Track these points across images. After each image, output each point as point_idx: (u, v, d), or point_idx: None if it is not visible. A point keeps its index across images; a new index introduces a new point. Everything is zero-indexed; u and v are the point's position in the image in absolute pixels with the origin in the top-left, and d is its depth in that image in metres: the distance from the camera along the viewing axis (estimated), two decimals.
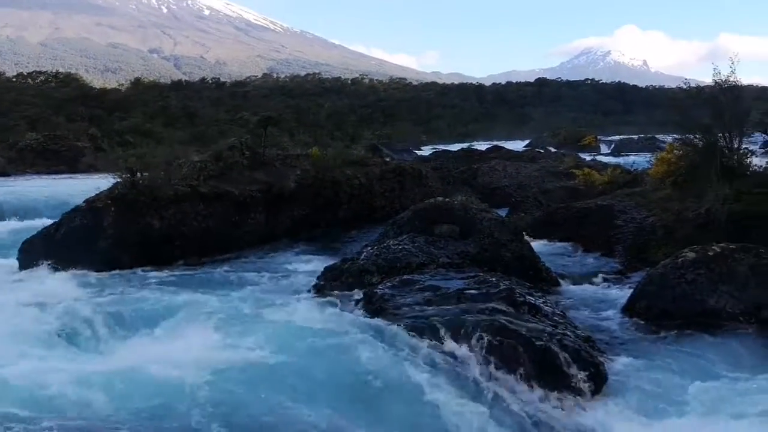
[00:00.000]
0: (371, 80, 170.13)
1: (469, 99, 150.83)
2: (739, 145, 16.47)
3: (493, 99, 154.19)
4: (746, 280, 10.87)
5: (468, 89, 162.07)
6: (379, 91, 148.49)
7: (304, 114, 75.36)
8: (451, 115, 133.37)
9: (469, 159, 35.06)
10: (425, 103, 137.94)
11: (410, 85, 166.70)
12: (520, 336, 8.44)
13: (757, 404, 7.52)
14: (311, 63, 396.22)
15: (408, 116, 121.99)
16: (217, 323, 9.38)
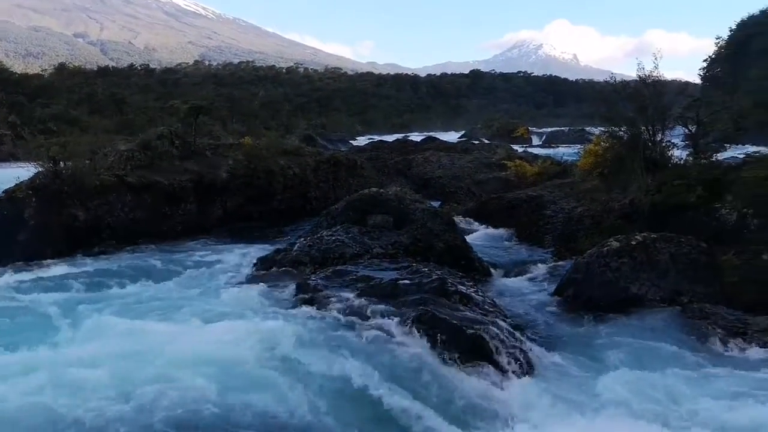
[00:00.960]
0: (306, 69, 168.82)
1: (405, 90, 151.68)
2: (661, 138, 17.11)
3: (429, 90, 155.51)
4: (666, 267, 11.33)
5: (404, 80, 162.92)
6: (314, 80, 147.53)
7: (237, 103, 74.15)
8: (386, 105, 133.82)
9: (404, 150, 35.23)
10: (361, 93, 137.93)
11: (346, 75, 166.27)
12: (451, 325, 8.56)
13: (672, 386, 7.87)
14: (244, 51, 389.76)
15: (343, 106, 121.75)
16: (141, 313, 9.18)
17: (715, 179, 14.97)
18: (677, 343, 9.36)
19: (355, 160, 23.25)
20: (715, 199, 14.55)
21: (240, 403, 6.72)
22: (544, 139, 70.01)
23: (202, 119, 22.31)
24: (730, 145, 18.76)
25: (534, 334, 9.83)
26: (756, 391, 7.71)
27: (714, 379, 8.18)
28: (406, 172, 27.77)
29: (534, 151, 43.38)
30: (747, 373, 8.32)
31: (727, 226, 13.96)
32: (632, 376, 8.02)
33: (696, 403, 7.39)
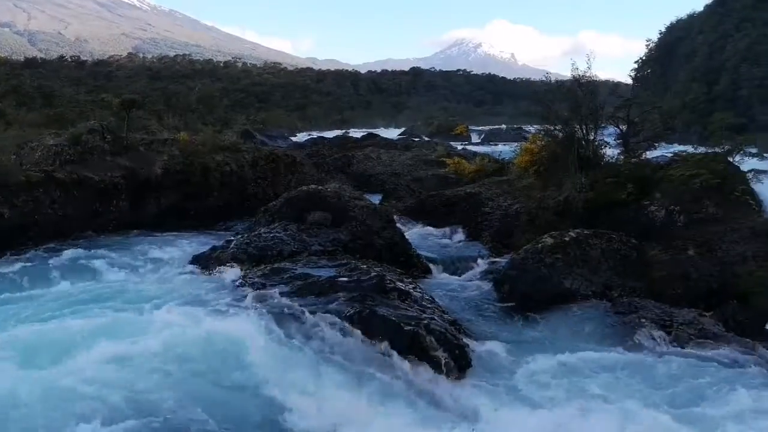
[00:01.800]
0: (245, 64, 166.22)
1: (346, 86, 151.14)
2: (594, 137, 17.56)
3: (369, 87, 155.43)
4: (598, 263, 11.67)
5: (344, 76, 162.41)
6: (253, 75, 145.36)
7: (173, 97, 72.40)
8: (327, 101, 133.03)
9: (344, 146, 35.18)
10: (301, 89, 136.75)
11: (285, 70, 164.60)
12: (389, 322, 8.58)
13: (603, 378, 8.12)
14: (181, 44, 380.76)
15: (283, 102, 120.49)
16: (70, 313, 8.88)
17: (644, 177, 15.49)
18: (606, 337, 9.67)
19: (294, 157, 23.02)
20: (645, 197, 15.06)
21: (164, 407, 6.57)
22: (483, 137, 70.92)
23: (136, 114, 21.69)
24: (659, 144, 19.44)
25: (471, 330, 9.95)
26: (676, 383, 8.04)
27: (640, 372, 8.46)
28: (346, 168, 27.71)
29: (473, 148, 43.90)
30: (671, 367, 8.65)
31: (655, 223, 14.47)
32: (562, 371, 8.23)
33: (618, 397, 7.62)
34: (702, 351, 9.18)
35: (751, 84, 63.87)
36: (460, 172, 23.65)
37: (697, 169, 14.87)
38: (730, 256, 12.48)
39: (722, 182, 14.38)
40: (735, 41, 73.44)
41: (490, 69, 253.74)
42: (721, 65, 72.96)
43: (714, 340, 9.46)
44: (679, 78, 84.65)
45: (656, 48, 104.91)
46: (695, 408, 7.37)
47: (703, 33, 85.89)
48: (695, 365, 8.73)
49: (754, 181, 15.68)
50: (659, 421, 6.94)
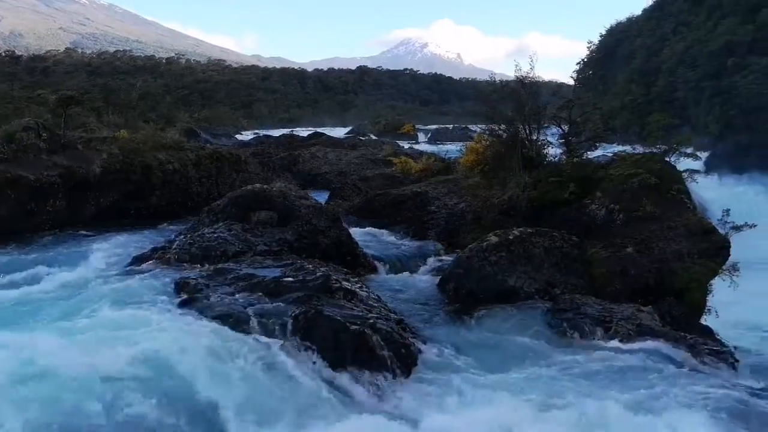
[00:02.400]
0: (188, 60, 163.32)
1: (292, 84, 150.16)
2: (537, 137, 17.88)
3: (316, 85, 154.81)
4: (541, 261, 11.88)
5: (290, 74, 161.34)
6: (196, 72, 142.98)
7: (113, 94, 70.40)
8: (273, 99, 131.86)
9: (290, 145, 34.94)
10: (246, 87, 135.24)
11: (230, 67, 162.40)
12: (335, 322, 8.53)
13: (546, 376, 8.28)
14: (121, 39, 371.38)
15: (228, 99, 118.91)
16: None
17: (586, 177, 15.84)
18: (549, 334, 9.86)
19: (239, 156, 22.72)
20: (586, 196, 15.42)
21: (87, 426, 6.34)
22: (430, 136, 71.46)
23: (74, 111, 21.02)
24: (600, 143, 19.90)
25: (417, 329, 9.99)
26: (614, 377, 8.26)
27: (580, 367, 8.65)
28: (293, 167, 27.53)
29: (420, 147, 44.20)
30: (609, 361, 8.89)
31: (596, 221, 14.82)
32: (506, 369, 8.35)
33: (560, 393, 7.77)
34: (639, 345, 9.45)
35: (686, 86, 66.09)
36: (407, 172, 23.75)
37: (635, 168, 15.28)
38: (666, 253, 12.89)
39: (659, 182, 14.82)
40: (672, 44, 75.89)
41: (437, 69, 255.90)
42: (659, 68, 75.29)
43: (651, 335, 9.74)
44: (619, 79, 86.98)
45: (597, 50, 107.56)
46: (630, 400, 7.56)
47: (642, 36, 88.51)
48: (633, 359, 8.98)
49: (689, 181, 16.23)
50: (600, 416, 7.08)
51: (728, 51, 60.57)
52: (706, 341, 9.99)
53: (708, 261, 12.79)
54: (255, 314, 8.80)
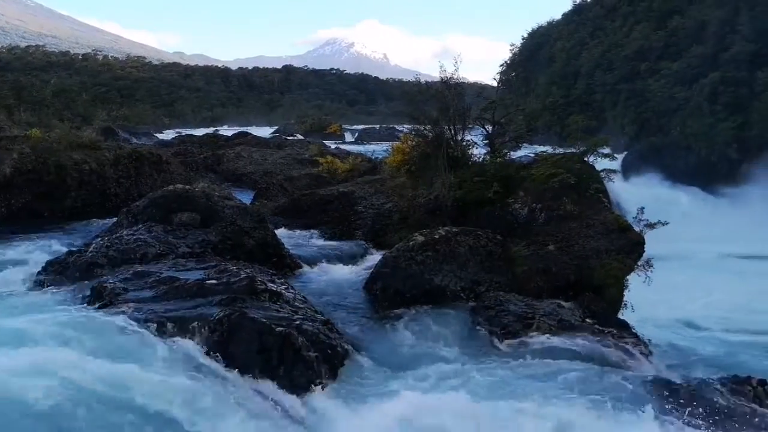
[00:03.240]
0: (106, 57, 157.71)
1: (215, 82, 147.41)
2: (462, 138, 18.13)
3: (241, 84, 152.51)
4: (466, 259, 12.03)
5: (214, 72, 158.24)
6: (115, 69, 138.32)
7: (25, 90, 67.25)
8: (195, 98, 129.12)
9: (214, 144, 34.22)
10: (167, 85, 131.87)
11: (150, 64, 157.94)
12: (260, 324, 8.38)
13: (472, 373, 8.39)
14: (34, 34, 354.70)
15: (148, 98, 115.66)
16: None
17: (509, 176, 16.19)
18: (474, 331, 10.01)
19: (160, 155, 22.06)
20: (509, 195, 15.75)
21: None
22: (357, 136, 71.59)
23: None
24: (522, 144, 20.37)
25: (344, 329, 9.93)
26: (534, 371, 8.48)
27: (500, 362, 8.85)
28: (216, 167, 26.96)
29: (346, 147, 44.14)
30: (529, 357, 9.11)
31: (519, 220, 15.17)
32: (431, 367, 8.43)
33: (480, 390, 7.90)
34: (560, 340, 9.72)
35: (603, 89, 68.57)
36: (334, 172, 23.70)
37: (556, 168, 15.72)
38: (586, 250, 13.32)
39: (578, 181, 15.29)
40: (589, 48, 78.55)
41: (363, 69, 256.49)
42: (578, 71, 77.82)
43: (571, 329, 10.04)
44: (541, 81, 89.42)
45: (519, 52, 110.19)
46: (547, 393, 7.76)
47: (561, 40, 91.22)
48: (553, 353, 9.25)
49: (607, 180, 16.86)
50: (516, 411, 7.23)
51: (642, 56, 63.18)
52: (622, 334, 10.38)
53: (624, 257, 13.29)
54: (177, 318, 8.53)
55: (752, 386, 8.30)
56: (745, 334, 18.94)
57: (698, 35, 55.73)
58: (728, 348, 17.58)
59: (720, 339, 18.46)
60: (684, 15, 60.79)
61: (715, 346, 17.74)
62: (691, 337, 18.50)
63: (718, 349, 17.45)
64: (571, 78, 78.97)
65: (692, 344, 17.69)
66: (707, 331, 18.99)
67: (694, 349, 17.25)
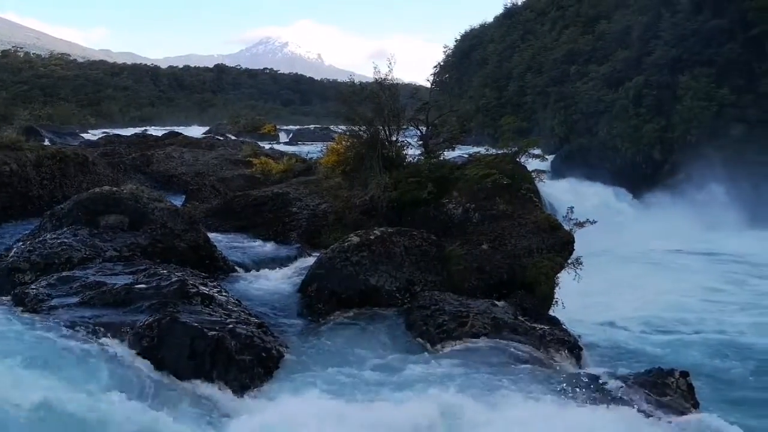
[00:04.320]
0: (28, 54, 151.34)
1: (145, 81, 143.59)
2: (397, 138, 18.22)
3: (171, 83, 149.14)
4: (402, 260, 12.08)
5: (143, 70, 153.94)
6: (37, 66, 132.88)
7: None
8: (124, 97, 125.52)
9: (143, 145, 33.19)
10: (94, 83, 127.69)
11: (75, 62, 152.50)
12: (191, 328, 8.18)
13: (406, 373, 8.43)
14: None
15: (74, 96, 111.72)
16: None
17: (443, 177, 16.37)
18: (409, 330, 10.07)
19: (86, 156, 21.27)
20: (444, 195, 15.93)
21: None
22: (291, 137, 71.03)
23: None
24: (456, 145, 20.63)
25: (279, 332, 9.82)
26: (466, 369, 8.60)
27: (433, 361, 8.93)
28: (146, 168, 26.14)
29: (281, 148, 43.71)
30: (463, 355, 9.23)
31: (454, 220, 15.36)
32: (367, 368, 8.43)
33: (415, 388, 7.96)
34: (493, 338, 9.90)
35: (534, 91, 70.21)
36: (267, 172, 23.39)
37: (489, 169, 15.99)
38: (518, 249, 13.60)
39: (511, 181, 15.60)
40: (521, 51, 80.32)
41: (298, 69, 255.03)
42: (509, 73, 79.46)
43: (504, 327, 10.23)
44: (474, 83, 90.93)
45: (453, 54, 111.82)
46: (477, 391, 7.90)
47: (494, 42, 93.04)
48: (487, 351, 9.40)
49: (538, 180, 17.26)
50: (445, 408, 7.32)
51: (571, 59, 64.96)
52: (553, 331, 10.61)
53: (555, 256, 13.64)
54: (105, 324, 8.25)
55: (675, 378, 8.63)
56: (671, 330, 19.69)
57: (623, 40, 57.69)
58: (655, 343, 18.24)
59: (647, 334, 19.12)
60: (610, 20, 62.85)
61: (642, 341, 18.38)
62: (620, 333, 19.10)
63: (645, 344, 18.09)
64: (504, 80, 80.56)
65: (620, 340, 18.31)
66: (635, 327, 19.62)
67: (622, 344, 17.88)
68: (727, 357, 16.87)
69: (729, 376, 15.55)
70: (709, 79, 47.05)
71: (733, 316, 21.23)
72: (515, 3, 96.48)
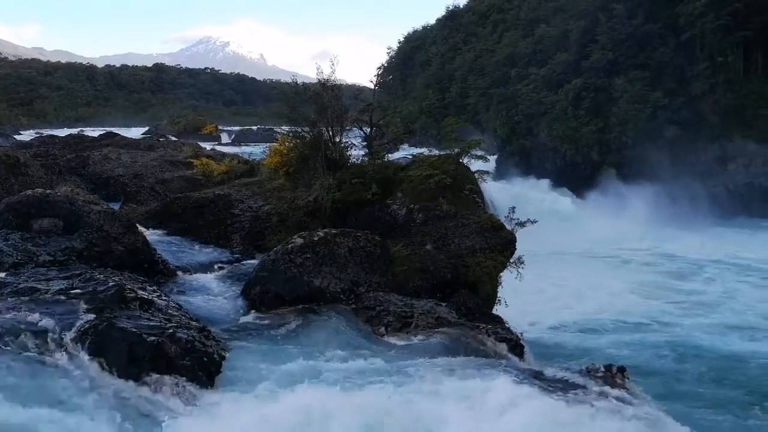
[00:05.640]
0: None
1: (80, 80, 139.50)
2: (340, 139, 18.16)
3: (108, 82, 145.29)
4: (346, 261, 12.04)
5: (78, 69, 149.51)
6: None
7: None
8: (58, 97, 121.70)
9: (79, 146, 32.27)
10: (26, 82, 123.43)
11: (6, 60, 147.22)
12: (130, 333, 7.95)
13: (350, 373, 8.40)
14: None
15: (4, 96, 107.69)
16: None
17: (387, 178, 16.40)
18: (354, 332, 10.04)
19: (17, 157, 20.49)
20: (388, 196, 15.96)
21: None
22: (234, 138, 70.15)
23: None
24: (400, 146, 20.71)
25: (221, 335, 9.63)
26: (408, 368, 8.66)
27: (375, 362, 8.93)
28: (81, 170, 25.38)
29: (223, 149, 43.08)
30: (406, 354, 9.30)
31: (398, 221, 15.41)
32: (311, 371, 8.37)
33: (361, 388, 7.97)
34: (437, 336, 9.99)
35: (476, 93, 71.14)
36: (209, 174, 23.01)
37: (432, 170, 16.10)
38: (461, 249, 13.73)
39: (454, 182, 15.75)
40: (463, 53, 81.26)
41: (240, 69, 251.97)
42: (452, 74, 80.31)
43: (447, 326, 10.32)
44: (417, 85, 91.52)
45: (396, 56, 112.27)
46: (415, 390, 7.96)
47: (436, 44, 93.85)
48: (430, 350, 9.46)
49: (480, 181, 17.47)
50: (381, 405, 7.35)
51: (512, 61, 66.04)
52: (496, 329, 10.76)
53: (498, 255, 13.82)
54: (39, 331, 7.92)
55: (612, 372, 8.87)
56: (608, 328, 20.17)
57: (562, 43, 58.97)
58: (595, 342, 18.63)
59: (586, 333, 19.50)
60: (549, 24, 64.15)
61: (583, 340, 18.77)
62: (562, 331, 19.47)
63: (585, 341, 18.50)
64: (447, 82, 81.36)
65: (561, 338, 18.68)
66: (575, 327, 19.99)
67: (563, 342, 18.25)
68: (666, 354, 17.39)
69: (667, 372, 16.04)
70: (643, 82, 48.50)
71: (669, 313, 21.89)
72: (457, 5, 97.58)
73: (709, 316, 21.45)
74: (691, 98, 46.99)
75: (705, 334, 19.30)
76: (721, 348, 17.99)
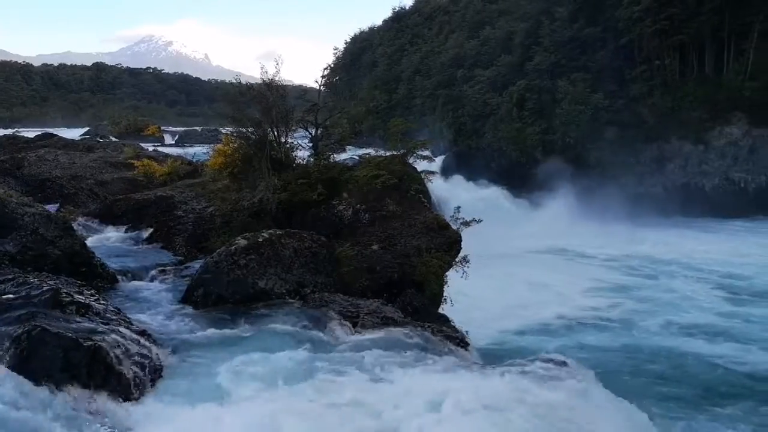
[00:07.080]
0: None
1: (15, 80, 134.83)
2: (286, 140, 17.98)
3: (45, 81, 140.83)
4: (291, 262, 11.93)
5: (13, 68, 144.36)
6: None
7: None
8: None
9: (13, 147, 31.08)
10: None
11: None
12: (65, 339, 7.66)
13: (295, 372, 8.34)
14: None
15: None
16: None
17: (333, 179, 16.32)
18: (299, 333, 9.96)
19: None
20: (334, 197, 15.87)
21: None
22: (177, 139, 68.71)
23: None
24: (347, 146, 20.63)
25: (162, 339, 9.40)
26: (351, 368, 8.71)
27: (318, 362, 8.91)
28: (16, 172, 24.41)
29: (166, 150, 42.13)
30: (350, 355, 9.30)
31: (344, 221, 15.33)
32: (256, 372, 8.27)
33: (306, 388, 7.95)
34: (383, 336, 10.03)
35: (423, 94, 71.62)
36: (151, 175, 22.49)
37: (378, 170, 16.10)
38: (407, 248, 13.75)
39: (400, 182, 15.78)
40: (409, 54, 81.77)
41: (183, 69, 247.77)
42: (399, 76, 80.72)
43: (393, 326, 10.34)
44: (364, 85, 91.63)
45: (343, 56, 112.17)
46: (362, 388, 8.04)
47: (383, 45, 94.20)
48: (376, 350, 9.45)
49: (427, 181, 17.55)
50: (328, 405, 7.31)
51: (458, 63, 66.74)
52: (442, 328, 10.82)
53: (444, 254, 13.89)
54: None
55: (557, 361, 9.10)
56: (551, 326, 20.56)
57: (507, 45, 59.88)
58: (538, 340, 18.95)
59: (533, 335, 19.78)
60: (494, 26, 65.04)
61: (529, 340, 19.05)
62: (511, 333, 19.69)
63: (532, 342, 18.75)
64: (393, 83, 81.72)
65: (507, 339, 18.90)
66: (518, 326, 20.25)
67: (510, 342, 18.48)
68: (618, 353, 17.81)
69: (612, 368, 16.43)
70: (585, 83, 49.63)
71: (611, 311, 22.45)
72: (403, 7, 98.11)
73: (657, 315, 22.00)
74: (630, 100, 48.30)
75: (649, 333, 19.88)
76: (663, 345, 18.55)
